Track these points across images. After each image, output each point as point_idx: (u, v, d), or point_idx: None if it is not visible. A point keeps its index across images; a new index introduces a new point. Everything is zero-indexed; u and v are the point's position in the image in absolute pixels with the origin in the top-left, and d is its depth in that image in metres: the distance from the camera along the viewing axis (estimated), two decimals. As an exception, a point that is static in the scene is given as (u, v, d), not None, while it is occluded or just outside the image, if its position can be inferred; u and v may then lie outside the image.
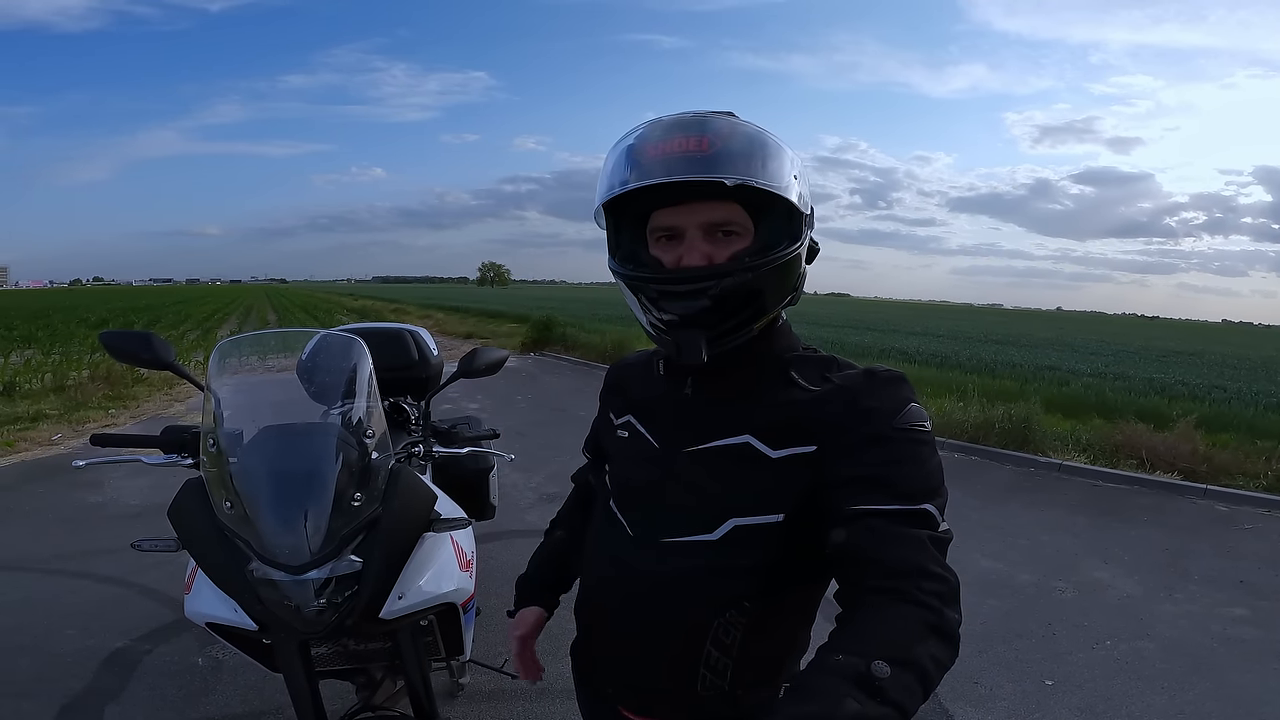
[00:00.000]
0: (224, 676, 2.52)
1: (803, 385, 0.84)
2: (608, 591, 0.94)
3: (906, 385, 0.82)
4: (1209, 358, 18.60)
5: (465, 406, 7.95)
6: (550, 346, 13.80)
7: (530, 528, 4.19)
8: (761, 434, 0.83)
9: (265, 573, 1.14)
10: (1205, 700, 2.58)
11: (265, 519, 1.15)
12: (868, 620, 0.67)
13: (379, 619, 1.31)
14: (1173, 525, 4.63)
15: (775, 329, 0.89)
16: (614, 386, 1.06)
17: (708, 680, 0.85)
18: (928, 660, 0.62)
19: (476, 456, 1.91)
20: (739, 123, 0.82)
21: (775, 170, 0.80)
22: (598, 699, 0.99)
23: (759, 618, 0.84)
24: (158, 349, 1.43)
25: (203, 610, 1.32)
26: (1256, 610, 3.35)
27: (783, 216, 0.82)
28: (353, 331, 2.65)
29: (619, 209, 0.86)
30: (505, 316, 22.26)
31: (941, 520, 0.74)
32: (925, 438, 0.78)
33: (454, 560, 1.50)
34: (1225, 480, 5.55)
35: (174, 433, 1.50)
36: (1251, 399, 9.43)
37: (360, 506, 1.21)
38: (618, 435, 0.99)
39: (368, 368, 1.34)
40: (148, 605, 3.03)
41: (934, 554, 0.71)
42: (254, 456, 1.21)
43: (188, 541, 1.24)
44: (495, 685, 2.48)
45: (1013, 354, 15.03)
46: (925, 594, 0.67)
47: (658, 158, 0.79)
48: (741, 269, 0.80)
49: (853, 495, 0.75)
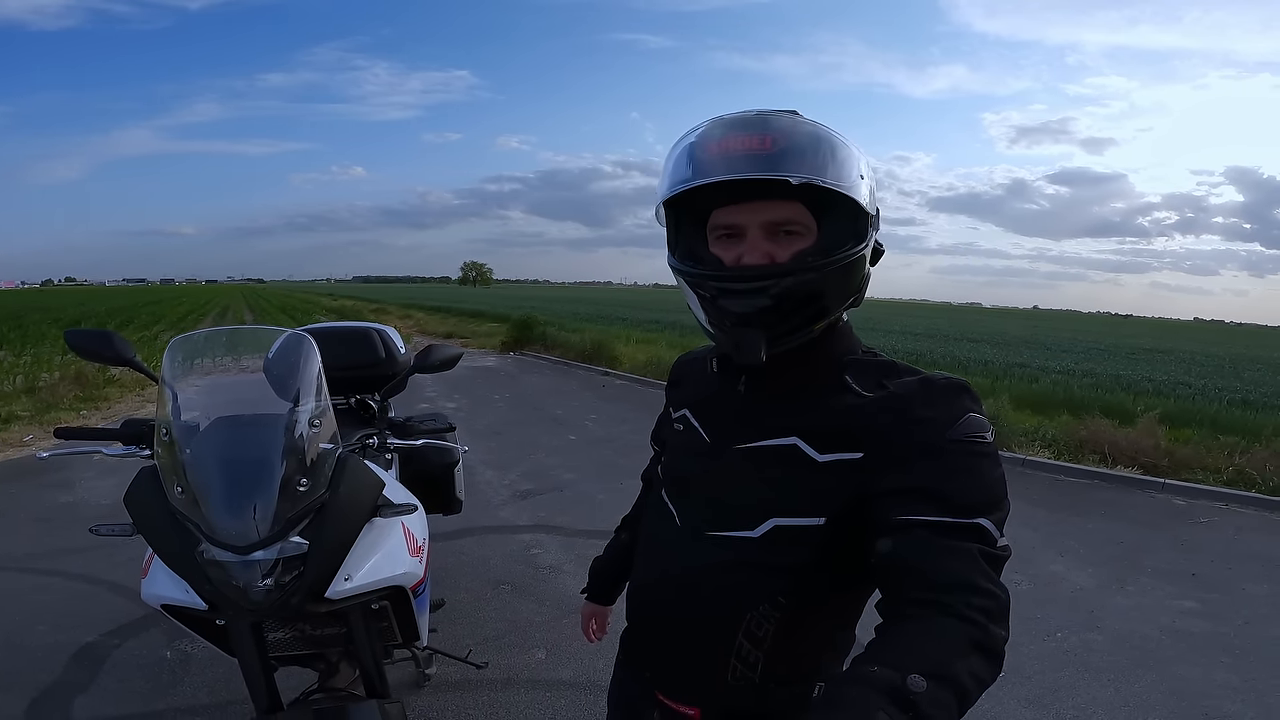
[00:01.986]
0: (192, 669, 2.57)
1: (856, 390, 0.83)
2: (652, 578, 0.96)
3: (968, 394, 0.79)
4: (1177, 355, 19.01)
5: (443, 406, 7.97)
6: (530, 346, 13.80)
7: (504, 524, 4.23)
8: (809, 437, 0.82)
9: (213, 554, 1.19)
10: (1150, 692, 2.65)
11: (214, 503, 1.20)
12: (908, 632, 0.65)
13: (326, 599, 1.36)
14: (1129, 519, 4.75)
15: (835, 331, 0.88)
16: (676, 381, 1.08)
17: (738, 671, 0.86)
18: (967, 677, 0.60)
19: (441, 451, 1.97)
20: (802, 121, 0.80)
21: (841, 169, 0.78)
22: (638, 682, 1.01)
23: (793, 615, 0.84)
24: (118, 346, 1.52)
25: (157, 592, 1.37)
26: (1206, 603, 3.43)
27: (848, 216, 0.81)
28: (320, 330, 2.71)
29: (680, 206, 0.85)
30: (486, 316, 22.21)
31: (999, 536, 0.72)
32: (984, 449, 0.76)
33: (404, 545, 1.55)
34: (1186, 475, 5.68)
35: (133, 425, 1.59)
36: (1215, 395, 9.69)
37: (306, 492, 1.27)
38: (674, 428, 1.01)
39: (315, 364, 1.40)
40: (117, 601, 3.07)
41: (985, 569, 0.68)
42: (204, 445, 1.27)
43: (142, 526, 1.30)
44: (461, 675, 2.53)
45: (986, 352, 15.27)
46: (972, 609, 0.64)
47: (720, 155, 0.78)
48: (804, 269, 0.79)
49: (901, 505, 0.73)
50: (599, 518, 4.30)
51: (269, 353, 1.54)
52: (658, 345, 12.85)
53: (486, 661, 2.57)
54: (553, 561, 3.67)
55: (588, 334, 13.23)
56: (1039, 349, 17.72)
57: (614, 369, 11.09)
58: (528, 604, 3.17)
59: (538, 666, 2.65)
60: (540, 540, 3.97)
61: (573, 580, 3.42)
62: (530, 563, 3.65)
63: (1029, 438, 6.50)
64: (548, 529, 4.15)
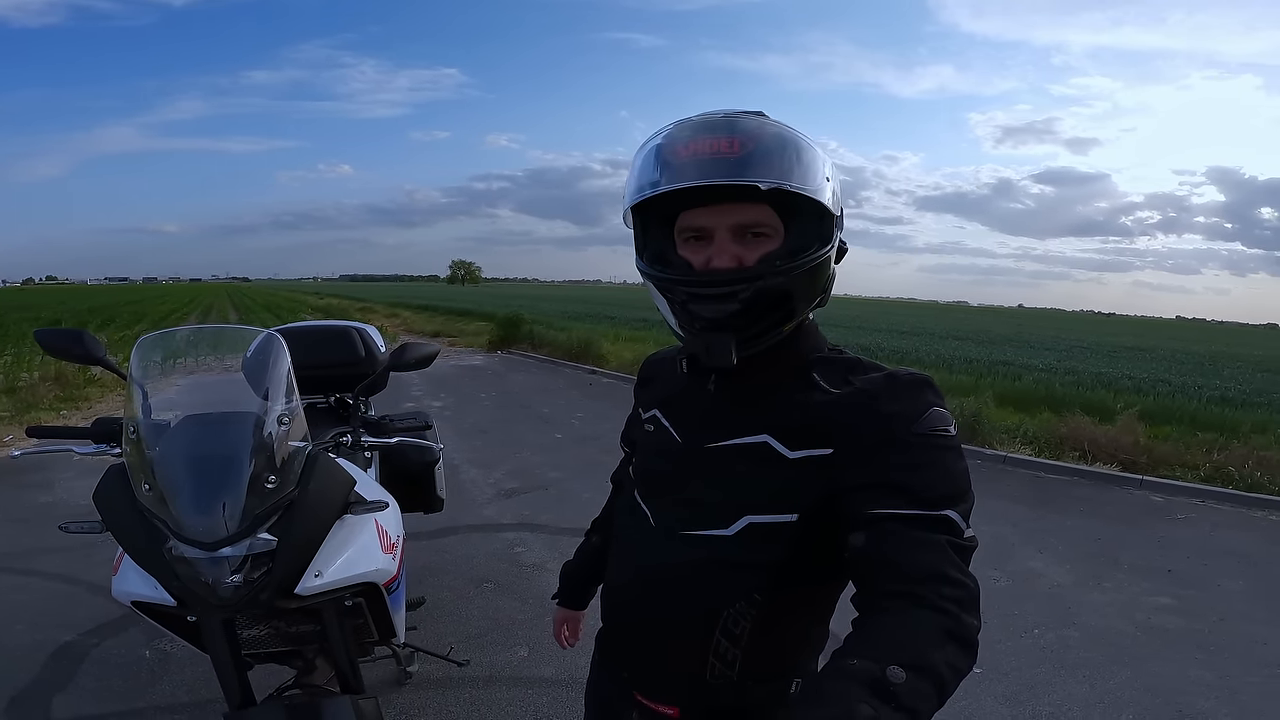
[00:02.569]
0: (171, 668, 2.57)
1: (823, 387, 0.84)
2: (627, 579, 0.97)
3: (930, 389, 0.81)
4: (1158, 353, 19.27)
5: (429, 404, 7.95)
6: (517, 344, 13.78)
7: (487, 522, 4.23)
8: (780, 434, 0.83)
9: (181, 550, 1.20)
10: (1125, 689, 2.67)
11: (181, 500, 1.21)
12: (884, 625, 0.66)
13: (296, 595, 1.37)
14: (1107, 516, 4.81)
15: (802, 329, 0.89)
16: (645, 380, 1.08)
17: (717, 669, 0.87)
18: (944, 666, 0.62)
19: (420, 449, 1.97)
20: (768, 123, 0.81)
21: (808, 172, 0.78)
22: (615, 682, 1.01)
23: (769, 612, 0.85)
24: (89, 345, 1.52)
25: (127, 589, 1.38)
26: (1181, 599, 3.48)
27: (814, 218, 0.81)
28: (299, 329, 2.70)
29: (647, 209, 0.85)
30: (474, 315, 22.13)
31: (966, 527, 0.73)
32: (948, 443, 0.77)
33: (376, 542, 1.56)
34: (1164, 471, 5.76)
35: (104, 424, 1.59)
36: (1195, 392, 9.83)
37: (275, 489, 1.27)
38: (644, 428, 1.01)
39: (285, 363, 1.41)
40: (95, 601, 3.05)
41: (954, 559, 0.70)
42: (172, 442, 1.27)
43: (110, 524, 1.30)
44: (443, 673, 2.54)
45: (971, 350, 15.41)
46: (944, 599, 0.66)
47: (688, 159, 0.78)
48: (773, 272, 0.79)
49: (871, 500, 0.74)
50: (584, 516, 4.27)
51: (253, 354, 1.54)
52: (645, 343, 12.87)
53: (468, 659, 2.58)
54: (536, 559, 3.67)
55: (575, 332, 13.22)
56: (1023, 347, 17.90)
57: (601, 367, 11.11)
58: (510, 602, 3.18)
59: (520, 664, 2.66)
60: (524, 538, 3.97)
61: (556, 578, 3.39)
62: (514, 561, 3.66)
63: (1010, 435, 6.58)
64: (532, 527, 4.15)
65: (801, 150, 0.79)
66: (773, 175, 0.76)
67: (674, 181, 0.78)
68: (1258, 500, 5.17)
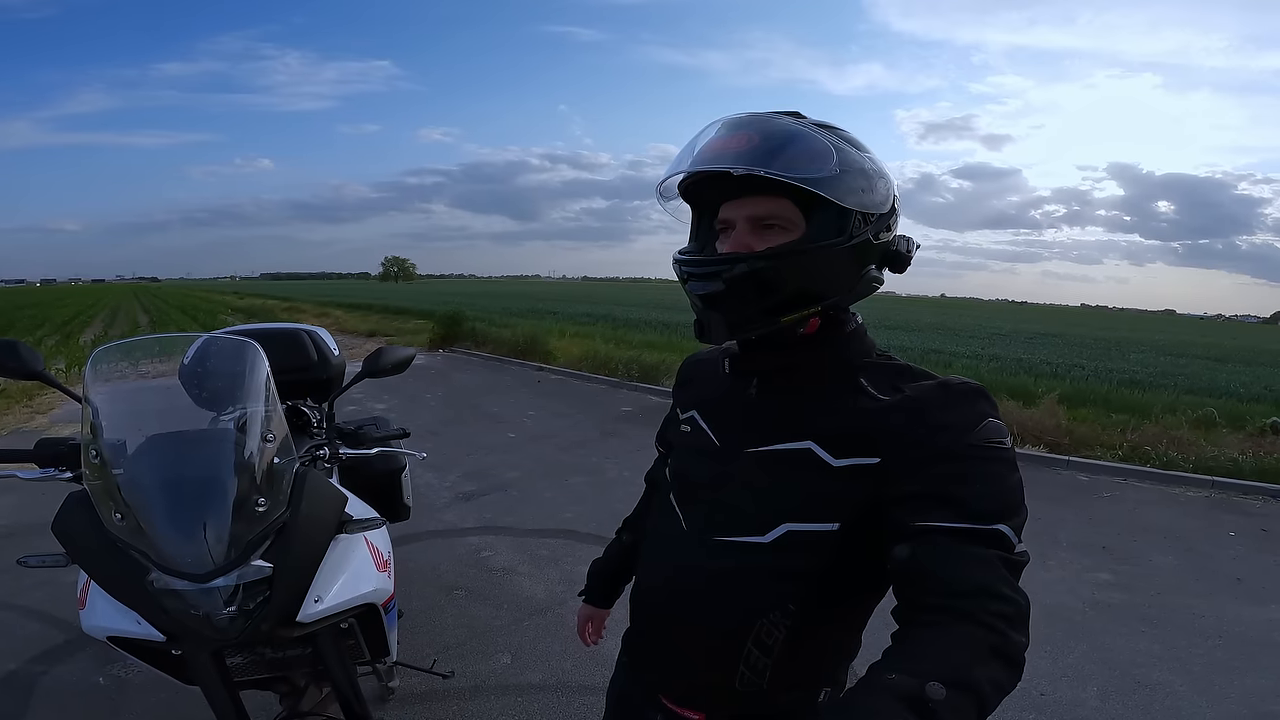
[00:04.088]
0: (130, 695, 2.42)
1: (871, 394, 0.82)
2: (658, 582, 0.96)
3: (985, 399, 0.79)
4: (1069, 339, 20.51)
5: (371, 407, 7.70)
6: (460, 342, 13.49)
7: (449, 527, 4.14)
8: (824, 441, 0.81)
9: (167, 583, 1.13)
10: (1084, 663, 2.79)
11: (161, 529, 1.13)
12: (927, 639, 0.64)
13: (297, 623, 1.31)
14: (1042, 495, 5.06)
15: (846, 333, 0.88)
16: (683, 381, 1.08)
17: (746, 678, 0.86)
18: (986, 684, 0.60)
19: (386, 457, 1.89)
20: (783, 119, 0.82)
21: (810, 164, 0.78)
22: (640, 684, 1.00)
23: (803, 622, 0.84)
24: (25, 357, 1.42)
25: (102, 624, 1.29)
26: (1119, 574, 3.70)
27: (831, 214, 0.80)
28: (245, 333, 2.57)
29: (699, 202, 0.90)
30: (411, 313, 21.53)
31: (1017, 542, 0.71)
32: (1003, 455, 0.75)
33: (370, 561, 1.51)
34: (1086, 452, 6.11)
35: (48, 445, 1.46)
36: (1107, 376, 10.51)
37: (265, 511, 1.21)
38: (681, 429, 1.00)
39: (264, 370, 1.32)
40: (35, 627, 2.83)
41: (1004, 575, 0.68)
42: (142, 466, 1.19)
43: (78, 556, 1.21)
44: (427, 686, 2.48)
45: (902, 338, 16.04)
46: (990, 615, 0.64)
47: (708, 151, 0.82)
48: (757, 257, 0.80)
49: (919, 511, 0.72)
50: (547, 516, 4.27)
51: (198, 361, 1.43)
52: (593, 339, 12.81)
53: (452, 670, 2.53)
54: (505, 563, 3.62)
55: (520, 329, 13.04)
56: (949, 335, 18.75)
57: (548, 364, 11.00)
58: (485, 608, 3.12)
59: (504, 671, 2.62)
60: (490, 542, 3.91)
61: (528, 581, 3.39)
62: (482, 566, 3.59)
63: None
64: (496, 530, 4.09)
65: (806, 143, 0.79)
66: (774, 168, 0.77)
67: (686, 169, 0.84)
68: (1174, 477, 5.56)
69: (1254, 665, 2.85)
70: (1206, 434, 6.53)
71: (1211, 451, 5.88)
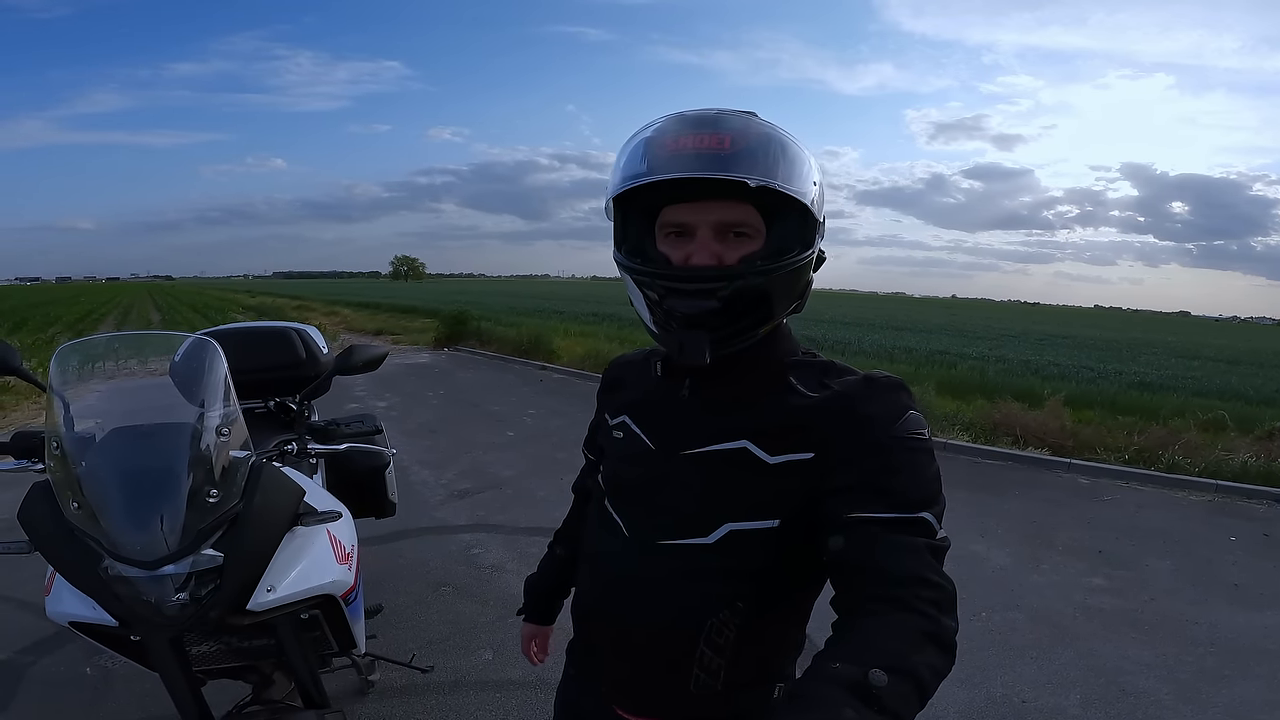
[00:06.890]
0: (116, 684, 2.46)
1: (801, 391, 0.83)
2: (603, 590, 0.94)
3: (905, 392, 0.81)
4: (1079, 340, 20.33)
5: (374, 405, 7.75)
6: (465, 341, 13.54)
7: (440, 524, 4.16)
8: (759, 440, 0.82)
9: (118, 570, 1.16)
10: (1070, 669, 2.76)
11: (114, 517, 1.16)
12: (865, 628, 0.66)
13: (249, 611, 1.33)
14: (1041, 499, 5.03)
15: (777, 333, 0.88)
16: (610, 385, 1.05)
17: (701, 680, 0.86)
18: (924, 669, 0.62)
19: (369, 454, 1.92)
20: (759, 122, 0.80)
21: (796, 174, 0.78)
22: (591, 695, 0.99)
23: (752, 619, 0.84)
24: (3, 353, 1.48)
25: (63, 610, 1.33)
26: (1112, 579, 3.65)
27: (797, 221, 0.80)
28: (235, 331, 2.60)
29: (629, 202, 0.84)
30: (419, 312, 21.64)
31: (939, 528, 0.74)
32: (924, 445, 0.78)
33: (330, 553, 1.53)
34: (1089, 454, 6.05)
35: (24, 438, 1.51)
36: (1115, 378, 10.41)
37: (218, 503, 1.23)
38: (613, 435, 0.98)
39: (221, 368, 1.36)
40: (24, 618, 2.88)
41: (931, 562, 0.71)
42: (100, 457, 1.22)
43: (39, 543, 1.25)
44: (406, 680, 2.49)
45: (910, 339, 15.93)
46: (922, 602, 0.67)
47: (676, 153, 0.77)
48: (753, 272, 0.79)
49: (850, 503, 0.75)
50: (540, 515, 4.27)
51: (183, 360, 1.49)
52: (596, 338, 12.83)
53: (432, 665, 2.53)
54: (495, 561, 3.63)
55: (524, 328, 13.07)
56: (957, 336, 18.62)
57: (552, 363, 11.02)
58: (471, 605, 3.13)
59: (485, 667, 2.63)
60: (481, 540, 3.92)
61: (516, 580, 3.36)
62: (471, 563, 3.61)
63: (949, 422, 6.83)
64: (488, 528, 4.10)
65: (791, 151, 0.79)
66: (759, 174, 0.75)
67: (660, 173, 0.77)
68: (1178, 481, 5.49)
69: (1244, 673, 2.81)
70: (1215, 437, 6.45)
71: (1218, 455, 5.80)
